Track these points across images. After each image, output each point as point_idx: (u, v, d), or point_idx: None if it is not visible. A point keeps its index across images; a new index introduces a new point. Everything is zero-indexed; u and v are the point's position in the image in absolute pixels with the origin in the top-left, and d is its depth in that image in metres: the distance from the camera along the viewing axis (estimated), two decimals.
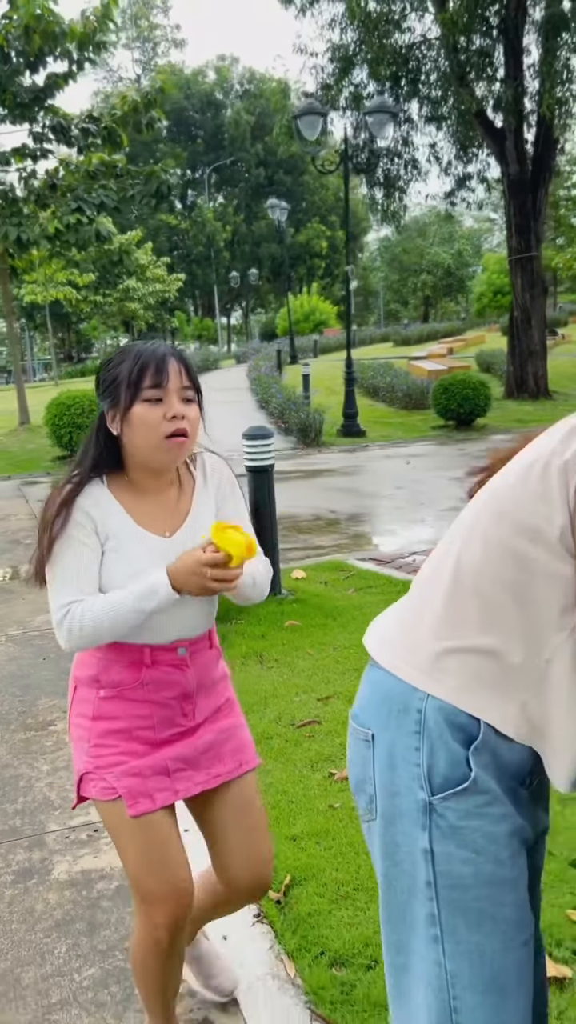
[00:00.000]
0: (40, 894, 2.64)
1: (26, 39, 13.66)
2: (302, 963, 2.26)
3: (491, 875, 1.19)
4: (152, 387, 1.68)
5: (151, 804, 1.74)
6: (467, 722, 1.20)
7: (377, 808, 1.27)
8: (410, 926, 1.24)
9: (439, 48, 18.93)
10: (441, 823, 1.20)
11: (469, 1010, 1.20)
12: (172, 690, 1.79)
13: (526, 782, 1.26)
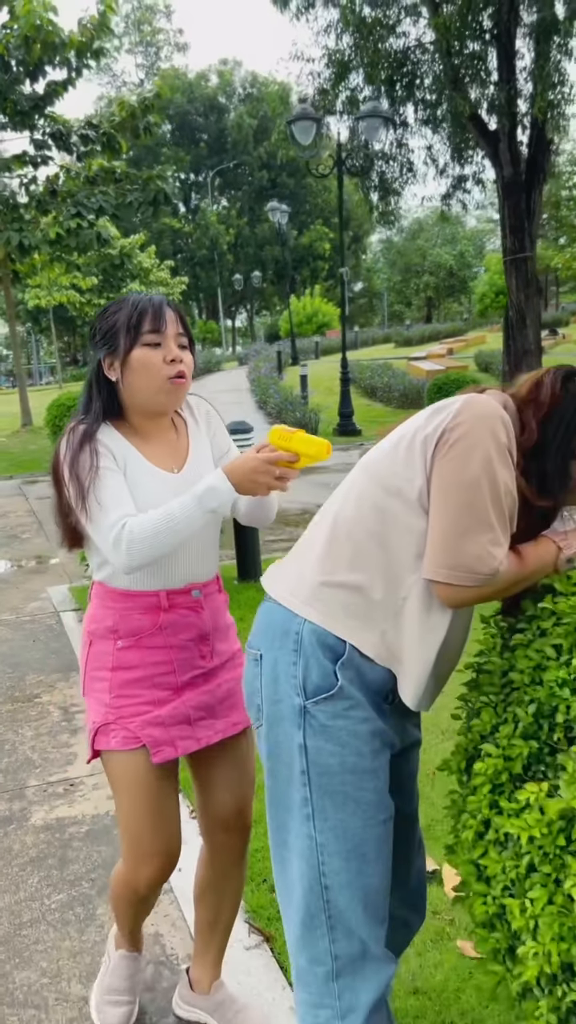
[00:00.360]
0: (18, 837, 2.93)
1: (26, 49, 14.00)
2: (247, 888, 2.54)
3: (353, 765, 1.48)
4: (151, 332, 1.74)
5: (173, 752, 1.80)
6: (335, 643, 1.48)
7: (264, 714, 1.55)
8: (288, 808, 1.52)
9: (433, 52, 19.20)
10: (313, 723, 1.48)
11: (334, 873, 1.48)
12: (190, 632, 1.84)
13: (388, 698, 1.54)
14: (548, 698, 1.37)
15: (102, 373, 1.79)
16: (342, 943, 1.49)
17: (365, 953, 1.51)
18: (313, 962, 1.51)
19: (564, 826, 1.29)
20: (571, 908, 1.26)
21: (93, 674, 1.85)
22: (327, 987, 1.50)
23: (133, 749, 1.78)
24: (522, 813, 1.34)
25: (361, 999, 1.50)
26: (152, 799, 1.81)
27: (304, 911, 1.51)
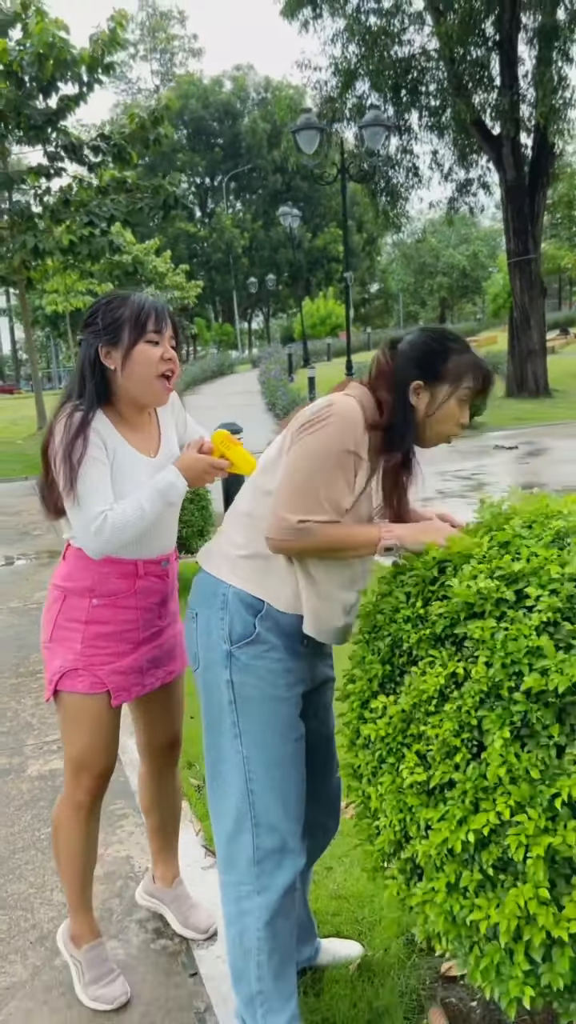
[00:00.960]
0: (15, 784, 3.37)
1: (39, 65, 14.49)
2: (206, 824, 2.96)
3: (271, 695, 1.88)
4: (155, 331, 1.98)
5: (128, 696, 2.14)
6: (254, 601, 1.88)
7: (200, 660, 1.96)
8: (220, 732, 1.93)
9: (437, 59, 19.58)
10: (237, 663, 1.88)
11: (258, 779, 1.89)
12: (156, 597, 2.16)
13: (303, 641, 1.94)
14: (398, 631, 1.78)
15: (97, 359, 1.99)
16: (264, 837, 1.89)
17: (283, 847, 1.90)
18: (239, 851, 1.91)
19: (403, 726, 1.70)
20: (405, 787, 1.66)
21: (64, 624, 2.08)
22: (249, 870, 1.90)
23: (98, 693, 2.08)
24: (378, 720, 1.75)
25: (276, 881, 1.90)
26: (100, 730, 2.12)
27: (235, 811, 1.90)
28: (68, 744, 2.15)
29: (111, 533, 1.94)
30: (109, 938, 2.41)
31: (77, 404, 1.99)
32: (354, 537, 1.83)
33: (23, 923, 2.51)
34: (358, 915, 2.41)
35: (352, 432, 1.79)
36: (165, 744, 2.37)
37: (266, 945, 1.88)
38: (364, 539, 1.83)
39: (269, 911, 1.88)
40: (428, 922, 1.65)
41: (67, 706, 2.11)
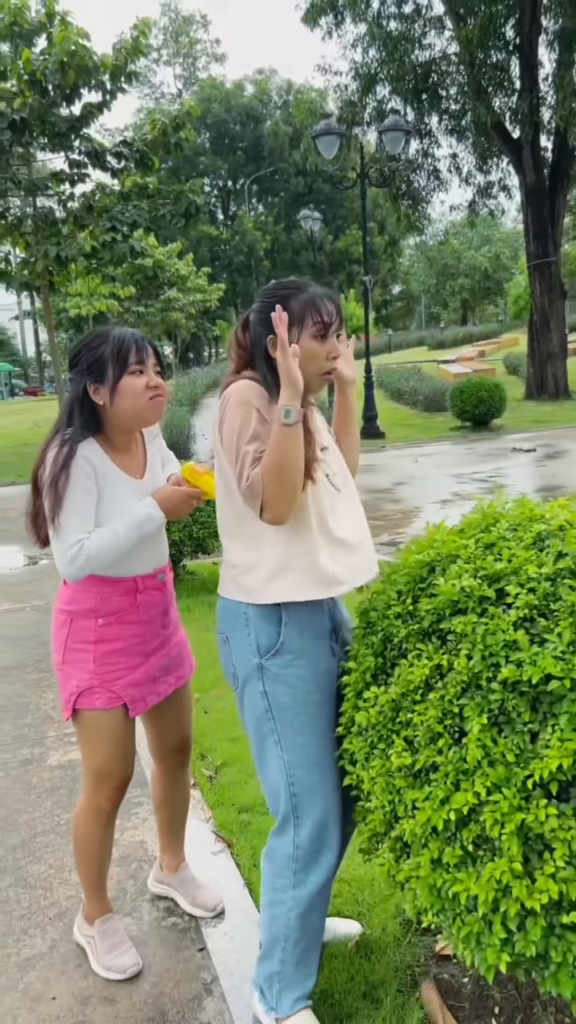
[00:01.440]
0: (36, 773, 3.53)
1: (61, 73, 14.73)
2: (217, 811, 3.11)
3: (304, 700, 2.00)
4: (137, 362, 2.08)
5: (144, 706, 2.25)
6: (273, 610, 1.99)
7: (238, 679, 2.08)
8: (262, 739, 2.06)
9: (457, 63, 19.66)
10: (268, 674, 2.00)
11: (300, 781, 2.01)
12: (157, 608, 2.27)
13: (333, 636, 2.08)
14: (389, 627, 1.91)
15: (85, 396, 2.11)
16: (304, 836, 2.02)
17: (321, 846, 2.03)
18: (280, 846, 2.04)
19: (392, 714, 1.83)
20: (393, 771, 1.80)
21: (74, 647, 2.18)
22: (287, 865, 2.04)
23: (115, 707, 2.19)
24: (371, 709, 1.89)
25: (311, 878, 2.03)
26: (118, 742, 2.23)
27: (281, 812, 2.04)
28: (89, 756, 2.25)
29: (85, 560, 2.04)
30: (123, 915, 2.56)
31: (65, 436, 2.08)
32: (273, 443, 1.84)
33: (43, 900, 2.66)
34: (358, 897, 2.54)
35: (247, 393, 1.93)
36: (176, 745, 2.48)
37: (294, 935, 2.02)
38: (275, 435, 1.83)
39: (302, 905, 2.01)
40: (416, 897, 1.78)
41: (86, 723, 2.22)
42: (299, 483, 1.87)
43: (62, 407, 2.17)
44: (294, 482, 1.85)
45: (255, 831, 2.93)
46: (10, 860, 2.90)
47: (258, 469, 1.86)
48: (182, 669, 2.40)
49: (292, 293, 1.96)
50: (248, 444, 1.89)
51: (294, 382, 1.83)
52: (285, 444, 1.82)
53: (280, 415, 1.81)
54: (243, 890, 2.64)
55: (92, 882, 2.38)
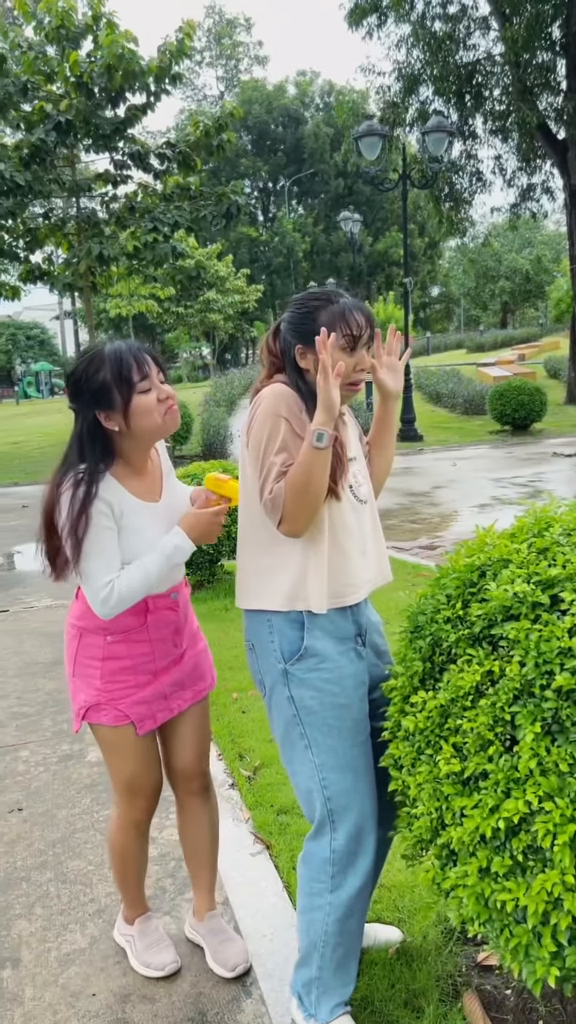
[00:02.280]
0: (76, 769, 3.55)
1: (108, 76, 14.87)
2: (256, 812, 3.10)
3: (330, 703, 1.99)
4: (141, 379, 1.97)
5: (153, 723, 2.17)
6: (295, 616, 1.99)
7: (265, 685, 2.08)
8: (292, 746, 2.05)
9: (502, 64, 19.48)
10: (294, 679, 2.00)
11: (332, 784, 2.00)
12: (168, 628, 2.19)
13: (358, 640, 2.06)
14: (438, 631, 1.89)
15: (96, 426, 2.00)
16: (340, 840, 2.00)
17: (357, 849, 2.01)
18: (317, 850, 2.03)
19: (441, 720, 1.81)
20: (441, 777, 1.77)
21: (83, 661, 2.14)
22: (323, 869, 2.02)
23: (122, 725, 2.13)
24: (418, 713, 1.86)
25: (348, 881, 2.01)
26: (140, 756, 2.18)
27: (317, 817, 2.03)
28: (115, 771, 2.22)
29: (118, 600, 1.98)
30: (163, 914, 2.56)
31: (80, 474, 1.98)
32: (301, 462, 1.84)
33: (82, 896, 2.68)
34: (399, 903, 2.52)
35: (278, 401, 1.92)
36: (190, 770, 2.34)
37: (331, 940, 2.00)
38: (304, 454, 1.83)
39: (339, 910, 1.99)
40: (461, 906, 1.76)
41: (101, 737, 2.20)
42: (321, 501, 1.89)
43: (70, 442, 2.05)
44: (316, 500, 1.87)
45: (294, 833, 2.92)
46: (50, 855, 2.92)
47: (282, 483, 1.87)
48: (201, 683, 2.31)
49: (322, 304, 1.96)
50: (275, 455, 1.89)
51: (331, 407, 1.83)
52: (313, 464, 1.83)
53: (312, 438, 1.82)
54: (282, 892, 2.63)
55: (131, 890, 2.37)
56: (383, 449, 2.23)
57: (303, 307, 1.98)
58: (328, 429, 1.83)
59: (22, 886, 2.75)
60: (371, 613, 2.15)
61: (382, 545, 2.15)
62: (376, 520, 2.15)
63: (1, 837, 3.05)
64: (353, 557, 2.02)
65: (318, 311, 1.95)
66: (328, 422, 1.83)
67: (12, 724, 4.07)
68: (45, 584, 7.04)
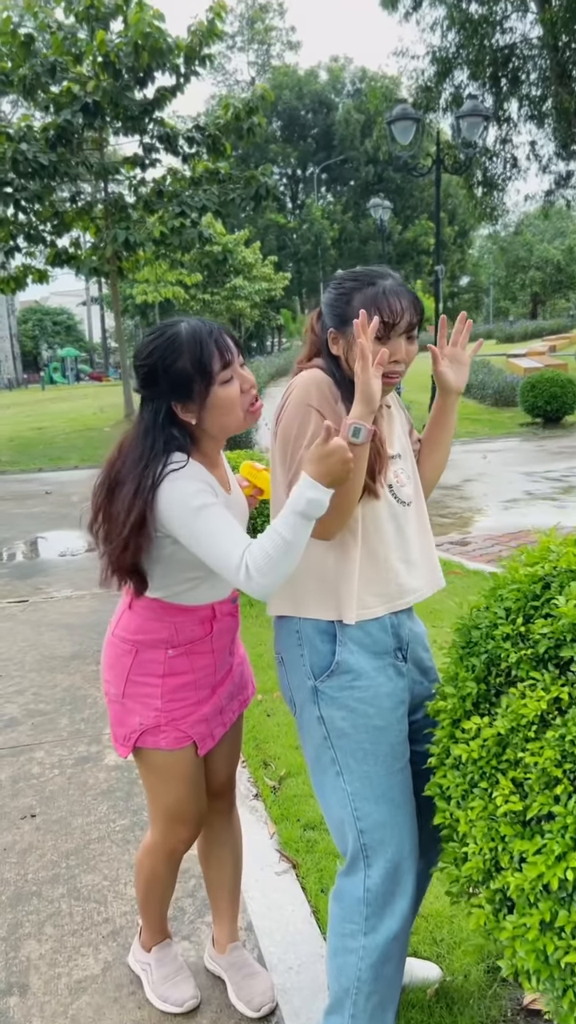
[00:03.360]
0: (93, 773, 3.39)
1: (135, 56, 14.65)
2: (281, 826, 2.91)
3: (364, 726, 1.79)
4: (224, 368, 1.76)
5: (212, 742, 2.02)
6: (327, 627, 1.80)
7: (295, 703, 1.89)
8: (323, 771, 1.85)
9: (540, 47, 19.05)
10: (324, 697, 1.80)
11: (367, 815, 1.80)
12: (229, 636, 2.03)
13: (398, 655, 1.86)
14: (496, 649, 1.68)
15: (171, 415, 1.79)
16: (375, 877, 1.80)
17: (394, 889, 1.81)
18: (350, 888, 1.83)
19: (498, 750, 1.60)
20: (498, 815, 1.57)
21: (139, 680, 1.91)
22: (357, 909, 1.82)
23: (184, 747, 1.95)
24: (470, 741, 1.66)
25: (385, 923, 1.81)
26: (190, 780, 1.99)
27: (350, 850, 1.83)
28: (157, 797, 2.02)
29: (260, 576, 1.64)
30: (181, 939, 2.38)
31: (174, 467, 1.74)
32: None
33: (96, 916, 2.51)
34: (436, 935, 2.32)
35: (310, 390, 1.74)
36: (222, 783, 2.18)
37: (365, 987, 1.80)
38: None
39: (374, 955, 1.80)
40: (517, 958, 1.56)
41: (151, 762, 1.98)
42: (355, 502, 1.70)
43: (143, 432, 1.80)
44: (350, 500, 1.69)
45: (321, 852, 2.73)
46: (63, 868, 2.75)
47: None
48: (246, 691, 2.16)
49: (358, 286, 1.75)
50: (305, 449, 1.71)
51: (370, 399, 1.63)
52: (344, 460, 1.62)
53: (347, 432, 1.62)
54: (310, 918, 2.44)
55: (153, 916, 2.19)
56: (435, 449, 2.00)
57: (339, 288, 1.79)
58: (366, 424, 1.64)
59: (33, 902, 2.59)
60: (415, 624, 1.94)
61: (431, 551, 1.95)
62: (424, 523, 1.93)
63: (13, 846, 2.89)
64: (391, 564, 1.82)
65: (353, 293, 1.75)
66: (366, 415, 1.64)
67: (28, 722, 3.91)
68: (66, 573, 6.90)
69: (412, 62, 20.73)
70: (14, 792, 3.26)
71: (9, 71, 14.91)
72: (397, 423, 1.93)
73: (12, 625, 5.47)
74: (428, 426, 2.00)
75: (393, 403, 1.94)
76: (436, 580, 1.94)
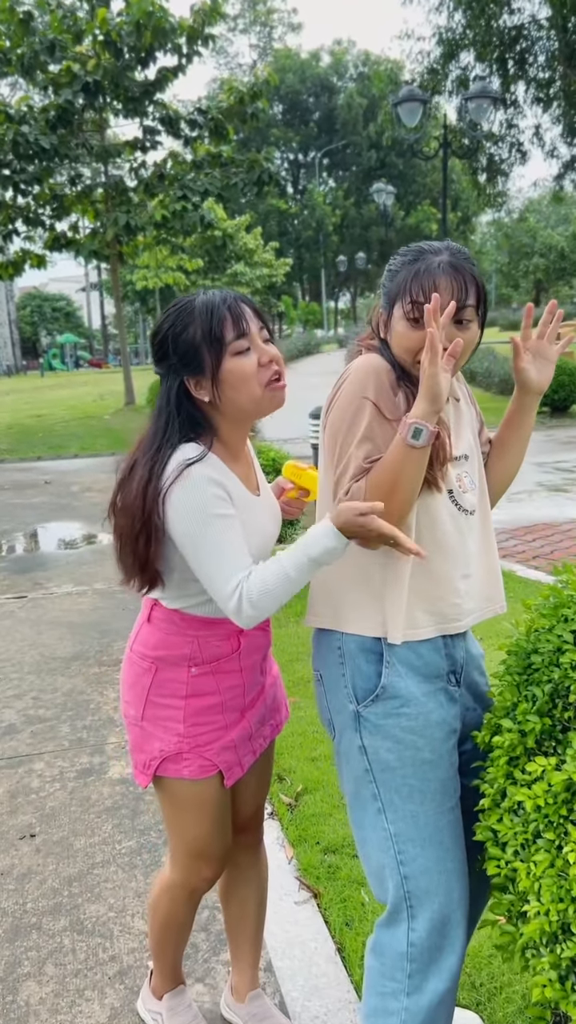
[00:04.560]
0: (96, 788, 3.18)
1: (137, 35, 14.33)
2: (300, 849, 2.70)
3: (412, 759, 1.58)
4: (238, 338, 1.57)
5: (240, 771, 1.79)
6: (372, 644, 1.59)
7: (334, 726, 1.67)
8: (363, 807, 1.64)
9: (548, 28, 18.69)
10: (367, 724, 1.59)
11: (412, 860, 1.59)
12: (259, 653, 1.80)
13: (452, 679, 1.64)
14: (563, 679, 1.47)
15: (183, 394, 1.62)
16: (421, 931, 1.59)
17: (442, 944, 1.60)
18: (391, 941, 1.62)
19: (568, 797, 1.39)
20: (568, 872, 1.36)
21: (159, 701, 1.73)
22: (399, 965, 1.60)
23: (208, 777, 1.74)
24: (533, 784, 1.45)
25: (431, 984, 1.60)
26: (215, 814, 1.79)
27: (391, 898, 1.62)
28: (179, 831, 1.81)
29: (251, 609, 1.53)
30: (194, 981, 2.18)
31: (190, 460, 1.55)
32: (390, 459, 1.46)
33: (101, 953, 2.30)
34: (475, 979, 2.12)
35: (366, 379, 1.53)
36: (248, 815, 1.96)
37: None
38: (394, 451, 1.45)
39: (418, 1017, 1.59)
40: None
41: (172, 793, 1.77)
42: (409, 508, 1.49)
43: (156, 413, 1.64)
44: (404, 507, 1.49)
45: (344, 879, 2.53)
46: (65, 896, 2.55)
47: (362, 482, 1.48)
48: (278, 715, 1.93)
49: (406, 261, 1.55)
50: (357, 447, 1.50)
51: (435, 398, 1.43)
52: (404, 464, 1.45)
53: (407, 432, 1.43)
54: (335, 957, 2.24)
55: (167, 961, 1.97)
56: (507, 452, 1.76)
57: (391, 263, 1.59)
58: (429, 424, 1.43)
59: (32, 936, 2.38)
60: (472, 645, 1.73)
61: (495, 567, 1.72)
62: (489, 536, 1.71)
63: (11, 871, 2.69)
64: (448, 579, 1.60)
65: (400, 270, 1.55)
66: (430, 415, 1.43)
67: (27, 730, 3.70)
68: (67, 568, 6.69)
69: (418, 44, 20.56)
70: (12, 808, 3.05)
71: (7, 50, 14.58)
72: (466, 420, 1.70)
73: (11, 623, 5.26)
74: (501, 427, 1.76)
75: (462, 397, 1.71)
76: (498, 602, 1.72)
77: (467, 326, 1.54)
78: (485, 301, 1.58)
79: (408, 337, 1.52)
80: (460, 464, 1.63)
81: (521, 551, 6.33)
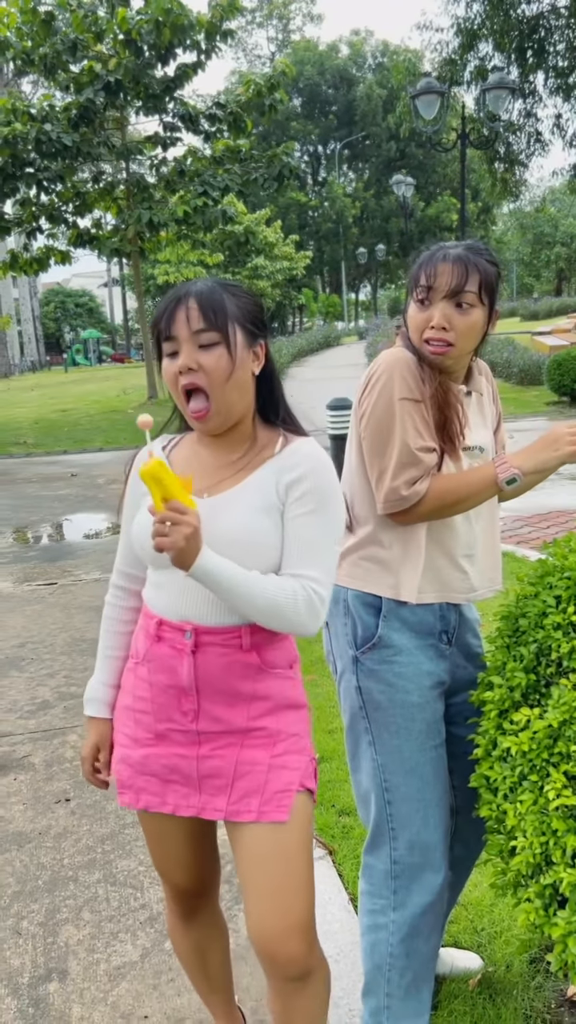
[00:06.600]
0: None
1: (156, 33, 14.51)
2: (317, 811, 2.89)
3: (401, 701, 1.78)
4: (167, 340, 1.43)
5: (135, 800, 1.56)
6: (373, 600, 1.78)
7: (337, 668, 1.88)
8: (357, 739, 1.85)
9: (568, 17, 18.62)
10: (363, 668, 1.79)
11: (395, 788, 1.80)
12: (168, 676, 1.50)
13: (444, 638, 1.82)
14: (546, 639, 1.64)
15: None
16: (402, 850, 1.80)
17: (423, 863, 1.80)
18: (377, 861, 1.84)
19: (549, 743, 1.56)
20: (549, 808, 1.53)
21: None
22: (385, 883, 1.82)
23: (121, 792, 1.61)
24: (520, 733, 1.62)
25: (413, 899, 1.81)
26: (147, 835, 1.67)
27: (374, 821, 1.83)
28: None
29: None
30: None
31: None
32: (469, 483, 1.70)
33: (133, 901, 2.50)
34: (477, 925, 2.30)
35: (394, 380, 1.68)
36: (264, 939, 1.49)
37: (398, 963, 1.80)
38: (479, 481, 1.69)
39: (404, 929, 1.79)
40: (568, 953, 1.52)
41: None
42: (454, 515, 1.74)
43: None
44: (454, 514, 1.74)
45: (358, 838, 2.71)
46: (99, 852, 2.75)
47: (424, 486, 1.66)
48: (221, 799, 1.51)
49: (423, 255, 1.73)
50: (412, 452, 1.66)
51: (545, 469, 1.71)
52: (480, 493, 1.70)
53: (504, 476, 1.65)
54: (347, 906, 2.43)
55: (202, 993, 1.88)
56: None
57: (413, 258, 1.78)
58: (522, 476, 1.67)
59: (69, 887, 2.59)
60: (467, 609, 1.91)
61: (496, 553, 1.91)
62: (494, 525, 1.90)
63: (48, 830, 2.90)
64: (454, 558, 1.80)
65: (416, 260, 1.74)
66: (533, 478, 1.70)
67: (60, 705, 3.92)
68: (94, 556, 6.91)
69: (436, 35, 20.37)
70: (48, 776, 3.27)
71: (30, 50, 14.82)
72: (487, 414, 1.87)
73: (42, 608, 5.49)
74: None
75: (486, 392, 1.89)
76: (496, 582, 1.91)
77: (467, 310, 1.70)
78: (492, 292, 1.73)
79: (415, 317, 1.71)
80: (475, 455, 1.80)
81: (535, 537, 6.47)
